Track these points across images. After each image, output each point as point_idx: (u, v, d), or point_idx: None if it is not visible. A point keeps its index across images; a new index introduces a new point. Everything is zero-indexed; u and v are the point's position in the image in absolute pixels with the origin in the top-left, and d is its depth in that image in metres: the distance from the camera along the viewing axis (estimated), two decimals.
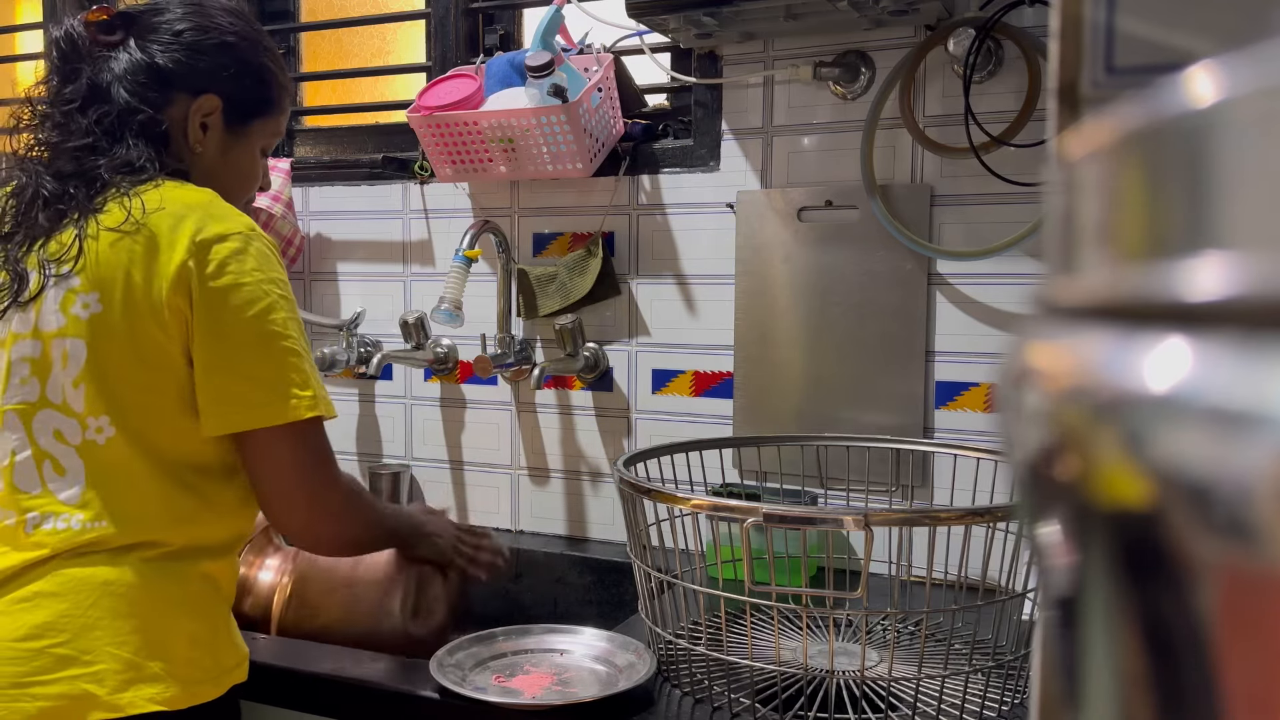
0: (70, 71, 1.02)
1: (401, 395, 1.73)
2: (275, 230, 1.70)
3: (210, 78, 1.05)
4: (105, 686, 0.89)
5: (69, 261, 0.95)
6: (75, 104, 1.01)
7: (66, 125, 1.01)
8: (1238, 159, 0.17)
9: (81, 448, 0.95)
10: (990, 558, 0.95)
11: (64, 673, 0.89)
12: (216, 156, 1.07)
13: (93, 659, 0.90)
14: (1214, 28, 0.40)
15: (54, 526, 0.94)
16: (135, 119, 1.01)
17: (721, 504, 0.95)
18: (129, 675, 0.90)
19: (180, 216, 0.95)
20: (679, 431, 1.51)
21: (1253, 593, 0.16)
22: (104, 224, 0.96)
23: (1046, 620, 0.27)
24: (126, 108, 1.01)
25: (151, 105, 1.02)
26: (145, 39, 1.03)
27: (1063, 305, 0.23)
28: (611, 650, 1.09)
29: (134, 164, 0.99)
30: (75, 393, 0.95)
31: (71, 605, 0.91)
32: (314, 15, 1.91)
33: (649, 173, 1.53)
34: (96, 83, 1.01)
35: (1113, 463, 0.18)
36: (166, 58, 1.03)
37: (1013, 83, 1.30)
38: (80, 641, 0.90)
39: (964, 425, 1.36)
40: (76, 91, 1.01)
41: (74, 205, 0.97)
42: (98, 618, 0.91)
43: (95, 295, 0.95)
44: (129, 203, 0.96)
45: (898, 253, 1.36)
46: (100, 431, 0.95)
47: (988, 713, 0.94)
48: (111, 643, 0.91)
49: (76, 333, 0.95)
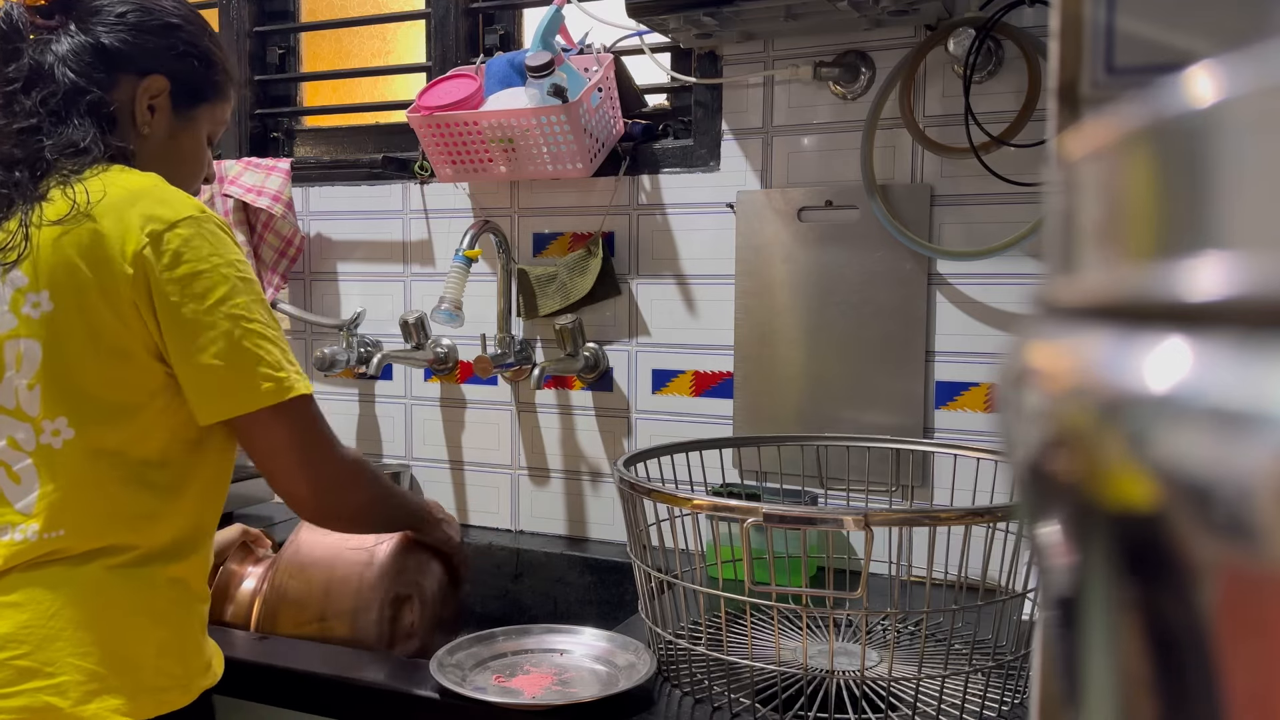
0: (10, 51, 0.99)
1: (401, 395, 1.73)
2: (275, 230, 1.70)
3: (157, 58, 1.02)
4: (68, 699, 0.87)
5: (14, 250, 0.92)
6: (18, 84, 0.98)
7: (9, 106, 0.98)
8: (1238, 159, 0.17)
9: (36, 453, 0.93)
10: (990, 558, 0.95)
11: (25, 685, 0.87)
12: (164, 139, 1.04)
13: (55, 670, 0.88)
14: (1214, 28, 0.40)
15: (11, 538, 0.91)
16: (82, 99, 0.97)
17: (721, 504, 0.95)
18: (92, 686, 0.88)
19: (126, 204, 0.92)
20: (679, 431, 1.51)
21: (1253, 592, 0.16)
22: (47, 215, 0.93)
23: (1046, 620, 0.27)
24: (72, 88, 0.97)
25: (98, 86, 0.98)
26: (87, 22, 1.00)
27: (1063, 305, 0.23)
28: (612, 650, 1.09)
29: (79, 145, 0.95)
30: (30, 395, 0.93)
31: (33, 616, 0.89)
32: (314, 15, 1.91)
33: (649, 173, 1.53)
34: (39, 63, 0.98)
35: (1113, 463, 0.18)
36: (112, 38, 1.00)
37: (1013, 83, 1.30)
38: (42, 653, 0.88)
39: (964, 425, 1.36)
40: (19, 71, 0.98)
41: (18, 191, 0.94)
42: (60, 628, 0.89)
43: (45, 294, 0.92)
44: (72, 191, 0.93)
45: (898, 253, 1.36)
46: (57, 434, 0.93)
47: (988, 713, 0.94)
48: (74, 654, 0.89)
49: (30, 333, 0.92)
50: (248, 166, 1.70)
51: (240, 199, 1.67)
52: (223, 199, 1.69)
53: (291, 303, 1.77)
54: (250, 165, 1.70)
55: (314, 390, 0.99)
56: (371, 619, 1.17)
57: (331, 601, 1.19)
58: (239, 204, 1.69)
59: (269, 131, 1.89)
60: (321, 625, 1.18)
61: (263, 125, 1.88)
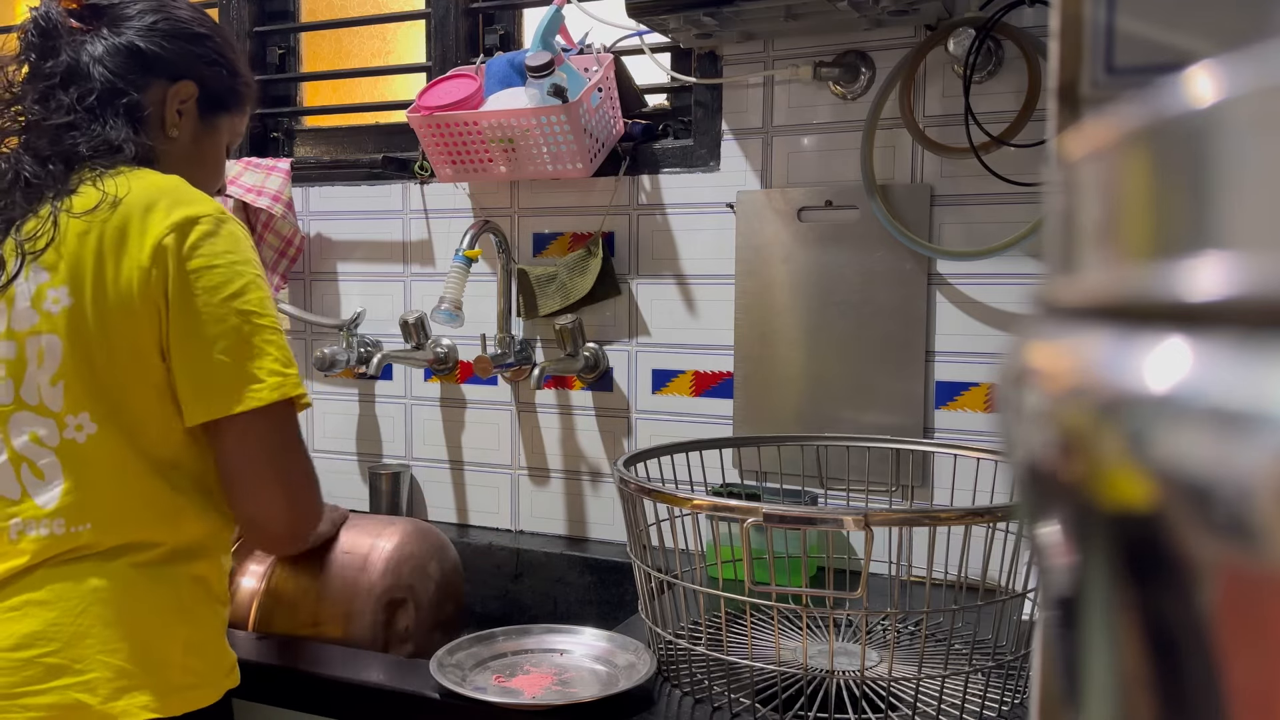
0: (49, 49, 1.01)
1: (401, 395, 1.73)
2: (275, 230, 1.70)
3: (188, 65, 1.05)
4: (98, 695, 0.88)
5: (44, 237, 0.93)
6: (55, 80, 0.99)
7: (46, 102, 0.99)
8: (1238, 159, 0.17)
9: (60, 449, 0.93)
10: (990, 558, 0.95)
11: (55, 682, 0.88)
12: (188, 144, 1.07)
13: (84, 668, 0.88)
14: (1214, 28, 0.40)
15: (37, 534, 0.92)
16: (118, 100, 1.00)
17: (721, 504, 0.95)
18: (121, 683, 0.89)
19: (150, 202, 0.94)
20: (679, 431, 1.51)
21: (1253, 593, 0.16)
22: (75, 208, 0.94)
23: (1046, 620, 0.27)
24: (109, 87, 1.00)
25: (133, 87, 1.01)
26: (118, 27, 1.02)
27: (1063, 305, 0.23)
28: (611, 650, 1.09)
29: (113, 143, 0.98)
30: (53, 391, 0.93)
31: (61, 613, 0.90)
32: (314, 15, 1.91)
33: (649, 173, 1.53)
34: (76, 62, 1.00)
35: (1113, 463, 0.18)
36: (146, 42, 1.02)
37: (1013, 83, 1.30)
38: (71, 650, 0.89)
39: (964, 425, 1.36)
40: (56, 68, 1.00)
41: (51, 183, 0.96)
42: (88, 625, 0.90)
43: (65, 289, 0.93)
44: (101, 186, 0.94)
45: (898, 253, 1.36)
46: (80, 429, 0.93)
47: (988, 713, 0.94)
48: (103, 651, 0.89)
49: (51, 328, 0.93)
50: (248, 166, 1.70)
51: (240, 199, 1.67)
52: (223, 199, 1.69)
53: (291, 303, 1.77)
54: (250, 165, 1.70)
55: (310, 395, 1.01)
56: (365, 622, 1.17)
57: (325, 604, 1.19)
58: (239, 204, 1.68)
59: (269, 131, 1.89)
60: (315, 629, 1.18)
61: (263, 125, 1.88)
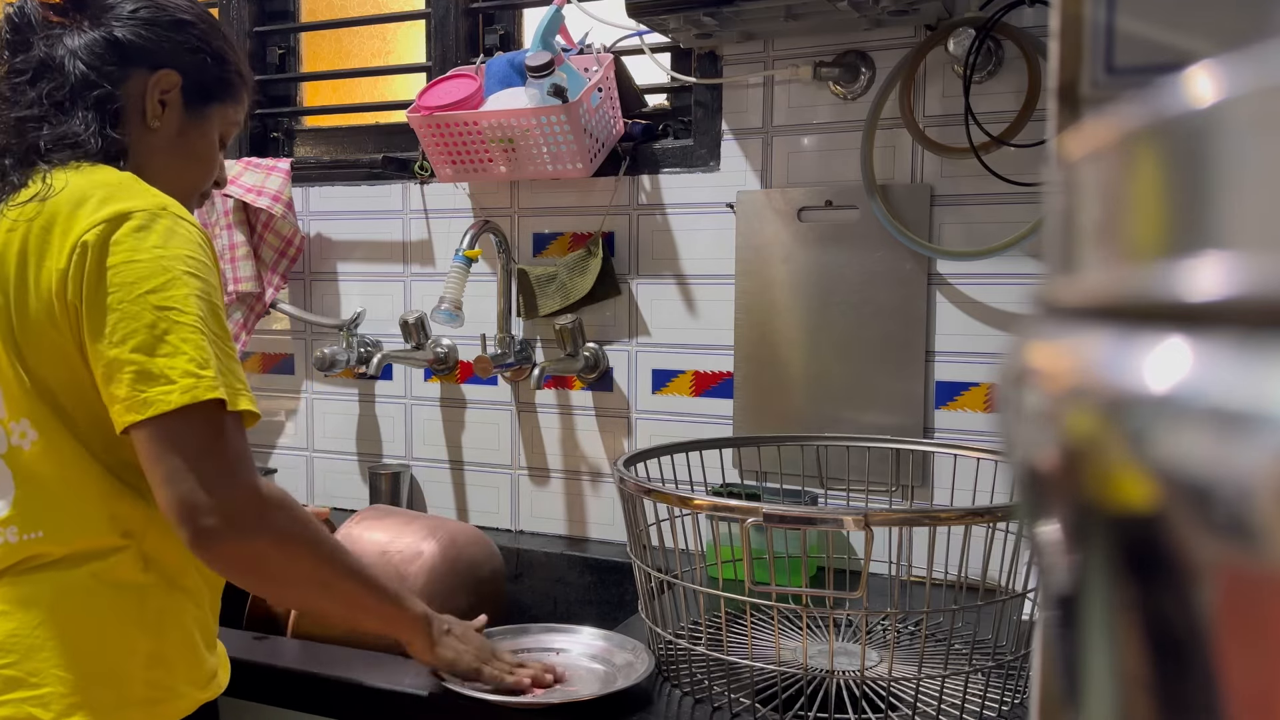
0: (21, 44, 0.98)
1: (401, 395, 1.73)
2: (275, 230, 1.70)
3: (169, 53, 1.00)
4: (50, 711, 0.85)
5: None
6: (25, 76, 0.96)
7: (13, 97, 0.96)
8: (1238, 159, 0.17)
9: (7, 455, 0.90)
10: (990, 558, 0.95)
11: (10, 695, 0.85)
12: (173, 136, 1.02)
13: (39, 681, 0.86)
14: (1214, 28, 0.40)
15: None
16: (90, 93, 0.96)
17: (721, 504, 0.95)
18: (75, 699, 0.86)
19: (82, 199, 0.88)
20: (679, 431, 1.51)
21: (1253, 593, 0.16)
22: (10, 204, 0.90)
23: (1046, 620, 0.27)
24: (81, 81, 0.96)
25: (109, 80, 0.97)
26: (100, 18, 0.99)
27: (1063, 305, 0.23)
28: (609, 649, 1.09)
29: (77, 136, 0.93)
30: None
31: (19, 625, 0.87)
32: (314, 15, 1.91)
33: (649, 173, 1.53)
34: (50, 56, 0.97)
35: (1113, 463, 0.18)
36: (125, 31, 0.99)
37: (1013, 83, 1.30)
38: (28, 663, 0.86)
39: (964, 425, 1.35)
40: (27, 63, 0.97)
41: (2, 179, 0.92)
42: (45, 638, 0.87)
43: None
44: (48, 180, 0.90)
45: (898, 253, 1.36)
46: (24, 436, 0.89)
47: (988, 713, 0.94)
48: (58, 664, 0.86)
49: None
50: (248, 166, 1.70)
51: (240, 199, 1.67)
52: (223, 199, 1.69)
53: (291, 303, 1.77)
54: (250, 165, 1.70)
55: (259, 414, 0.90)
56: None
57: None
58: (239, 204, 1.69)
59: (269, 131, 1.89)
60: (347, 634, 1.17)
61: (263, 125, 1.88)
